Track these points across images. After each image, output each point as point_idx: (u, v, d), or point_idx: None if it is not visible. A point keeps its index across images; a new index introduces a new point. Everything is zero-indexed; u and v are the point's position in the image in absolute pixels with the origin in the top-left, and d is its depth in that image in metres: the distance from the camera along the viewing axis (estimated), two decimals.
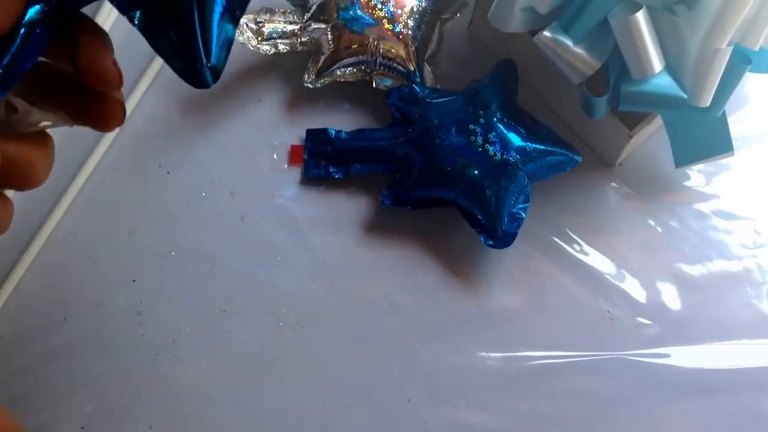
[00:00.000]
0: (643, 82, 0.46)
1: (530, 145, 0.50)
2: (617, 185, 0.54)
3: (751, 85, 0.58)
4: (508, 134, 0.50)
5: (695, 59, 0.44)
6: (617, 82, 0.47)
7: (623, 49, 0.45)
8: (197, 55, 0.30)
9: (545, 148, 0.50)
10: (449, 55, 0.57)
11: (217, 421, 0.47)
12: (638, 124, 0.50)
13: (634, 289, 0.51)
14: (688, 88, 0.46)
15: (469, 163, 0.49)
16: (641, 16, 0.44)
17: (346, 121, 0.55)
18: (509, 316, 0.50)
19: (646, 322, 0.50)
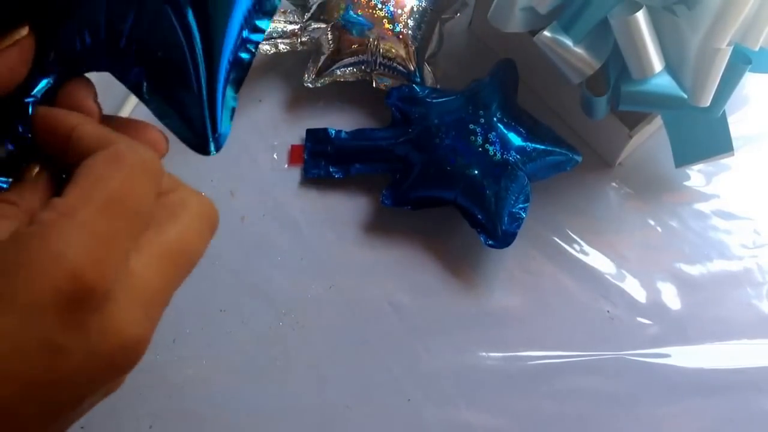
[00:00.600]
0: (643, 82, 0.46)
1: (530, 145, 0.50)
2: (617, 185, 0.54)
3: (751, 85, 0.58)
4: (508, 134, 0.50)
5: (695, 59, 0.44)
6: (617, 81, 0.47)
7: (623, 49, 0.45)
8: (205, 129, 0.31)
9: (545, 148, 0.50)
10: (449, 54, 0.57)
11: (216, 420, 0.47)
12: (638, 124, 0.50)
13: (634, 289, 0.51)
14: (688, 88, 0.46)
15: (469, 163, 0.49)
16: (641, 16, 0.44)
17: (346, 121, 0.55)
18: (509, 316, 0.50)
19: (646, 322, 0.50)
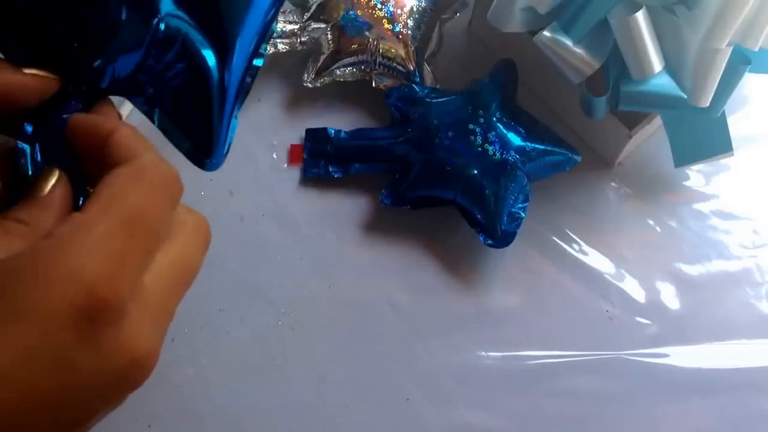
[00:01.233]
0: (642, 82, 0.46)
1: (530, 144, 0.50)
2: (617, 185, 0.54)
3: (750, 85, 0.58)
4: (507, 134, 0.50)
5: (695, 59, 0.44)
6: (617, 82, 0.47)
7: (623, 49, 0.45)
8: (215, 152, 0.31)
9: (545, 147, 0.50)
10: (449, 55, 0.57)
11: (216, 420, 0.47)
12: (638, 124, 0.50)
13: (633, 288, 0.51)
14: (687, 88, 0.46)
15: (468, 162, 0.49)
16: (641, 16, 0.44)
17: (345, 120, 0.55)
18: (508, 315, 0.50)
19: (645, 321, 0.50)
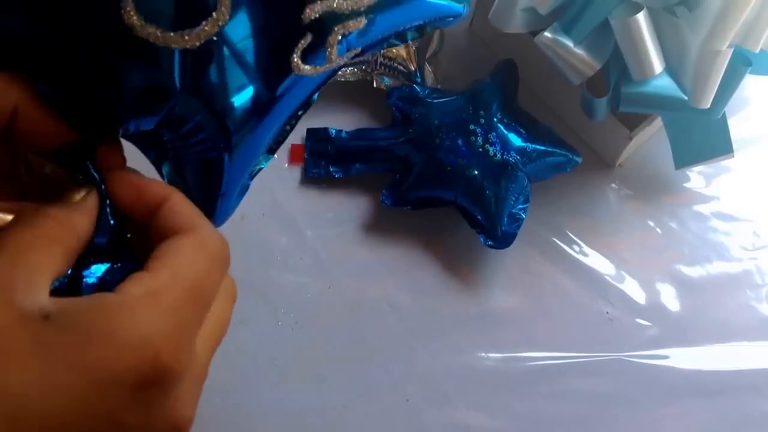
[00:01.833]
0: (643, 83, 0.46)
1: (530, 145, 0.50)
2: (617, 186, 0.54)
3: (751, 86, 0.58)
4: (508, 135, 0.50)
5: (696, 61, 0.44)
6: (617, 83, 0.47)
7: (624, 50, 0.45)
8: (216, 219, 0.31)
9: (545, 148, 0.50)
10: (450, 55, 0.57)
11: (215, 421, 0.47)
12: (638, 125, 0.50)
13: (633, 290, 0.51)
14: (688, 89, 0.46)
15: (469, 163, 0.49)
16: (642, 17, 0.44)
17: (346, 120, 0.55)
18: (508, 316, 0.50)
19: (645, 323, 0.50)
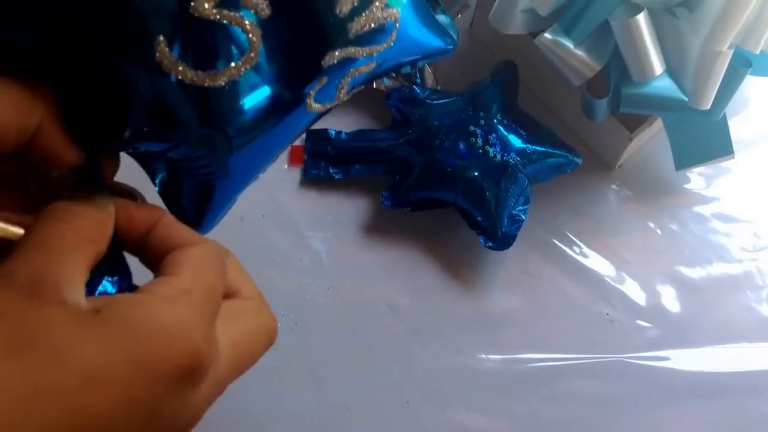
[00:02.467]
0: (643, 84, 0.46)
1: (530, 146, 0.50)
2: (617, 187, 0.54)
3: (751, 88, 0.58)
4: (508, 136, 0.50)
5: (696, 62, 0.44)
6: (618, 84, 0.47)
7: (624, 51, 0.45)
8: (201, 229, 0.32)
9: (545, 149, 0.50)
10: (450, 56, 0.57)
11: (214, 421, 0.47)
12: (639, 126, 0.50)
13: (633, 291, 0.51)
14: (688, 90, 0.46)
15: (469, 164, 0.49)
16: (642, 18, 0.43)
17: (346, 121, 0.55)
18: (508, 318, 0.50)
19: (645, 324, 0.50)
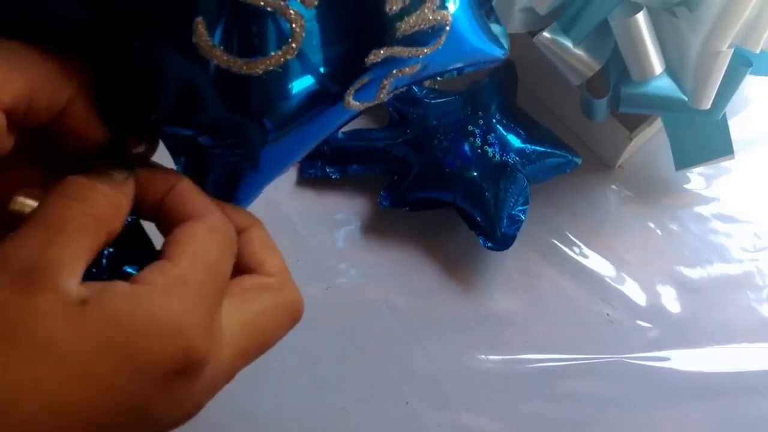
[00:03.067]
0: (643, 84, 0.46)
1: (530, 146, 0.50)
2: (617, 188, 0.54)
3: (751, 87, 0.57)
4: (507, 136, 0.50)
5: (696, 61, 0.44)
6: (617, 83, 0.47)
7: (623, 50, 0.45)
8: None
9: (545, 149, 0.50)
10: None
11: (214, 423, 0.47)
12: (638, 126, 0.50)
13: (633, 292, 0.51)
14: (688, 90, 0.46)
15: (468, 164, 0.49)
16: (642, 17, 0.43)
17: None
18: (508, 318, 0.50)
19: (645, 325, 0.50)
